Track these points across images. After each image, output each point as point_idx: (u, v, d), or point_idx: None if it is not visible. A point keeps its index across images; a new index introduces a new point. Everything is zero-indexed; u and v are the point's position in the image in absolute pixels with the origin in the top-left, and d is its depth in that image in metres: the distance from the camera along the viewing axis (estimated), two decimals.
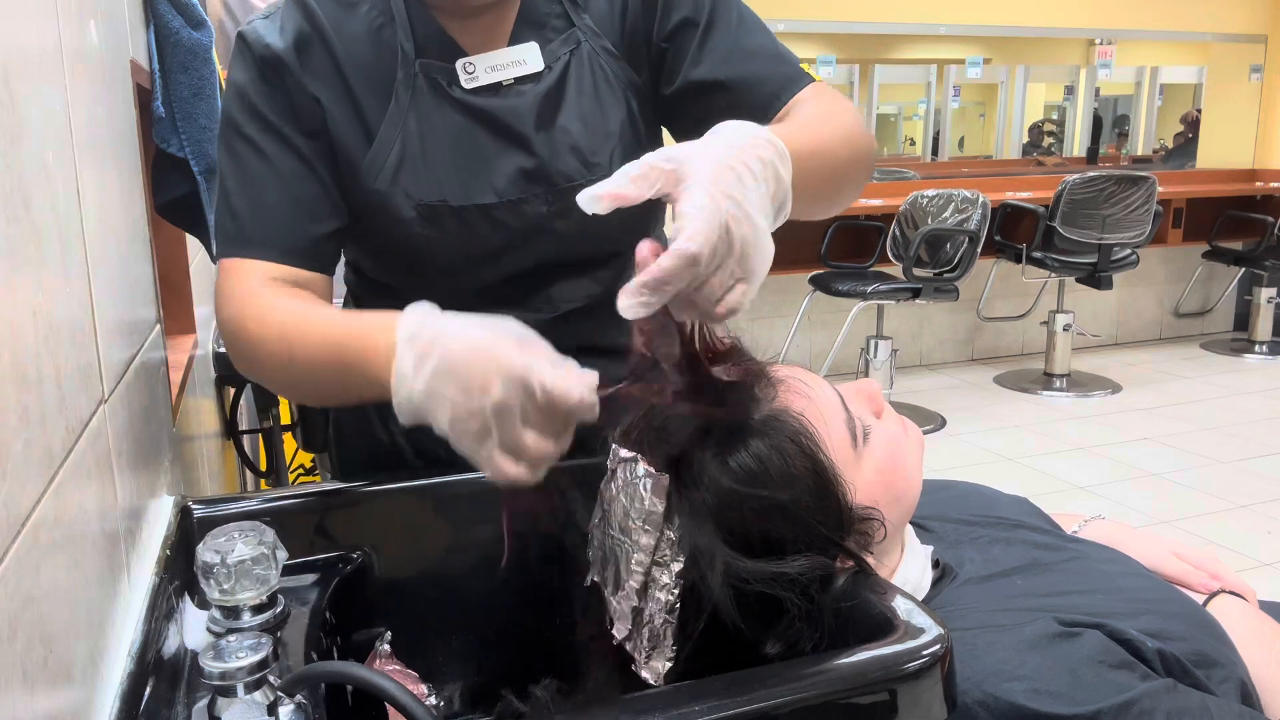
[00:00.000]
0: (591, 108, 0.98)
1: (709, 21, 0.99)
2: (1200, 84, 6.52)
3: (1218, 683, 0.75)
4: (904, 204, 4.48)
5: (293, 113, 0.94)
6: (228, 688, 0.61)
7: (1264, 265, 5.46)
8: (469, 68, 0.96)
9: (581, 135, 0.98)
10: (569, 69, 0.98)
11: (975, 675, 0.70)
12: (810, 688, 0.59)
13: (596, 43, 0.99)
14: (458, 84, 0.96)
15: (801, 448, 0.73)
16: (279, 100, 0.94)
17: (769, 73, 0.98)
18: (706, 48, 0.99)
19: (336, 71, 0.95)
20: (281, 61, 0.93)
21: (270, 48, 0.93)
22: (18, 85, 0.55)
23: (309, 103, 0.94)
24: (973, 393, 4.91)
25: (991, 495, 1.03)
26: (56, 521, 0.54)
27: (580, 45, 0.99)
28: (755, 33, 1.01)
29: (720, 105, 0.97)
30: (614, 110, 0.99)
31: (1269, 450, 3.98)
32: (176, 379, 1.23)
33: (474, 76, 0.96)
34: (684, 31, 0.99)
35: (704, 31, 0.99)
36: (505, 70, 0.97)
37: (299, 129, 0.94)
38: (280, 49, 0.93)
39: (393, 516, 0.93)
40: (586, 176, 0.97)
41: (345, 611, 0.87)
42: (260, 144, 0.93)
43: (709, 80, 0.98)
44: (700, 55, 0.99)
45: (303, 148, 0.94)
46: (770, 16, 1.19)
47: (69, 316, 0.62)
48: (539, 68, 0.97)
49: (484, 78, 0.96)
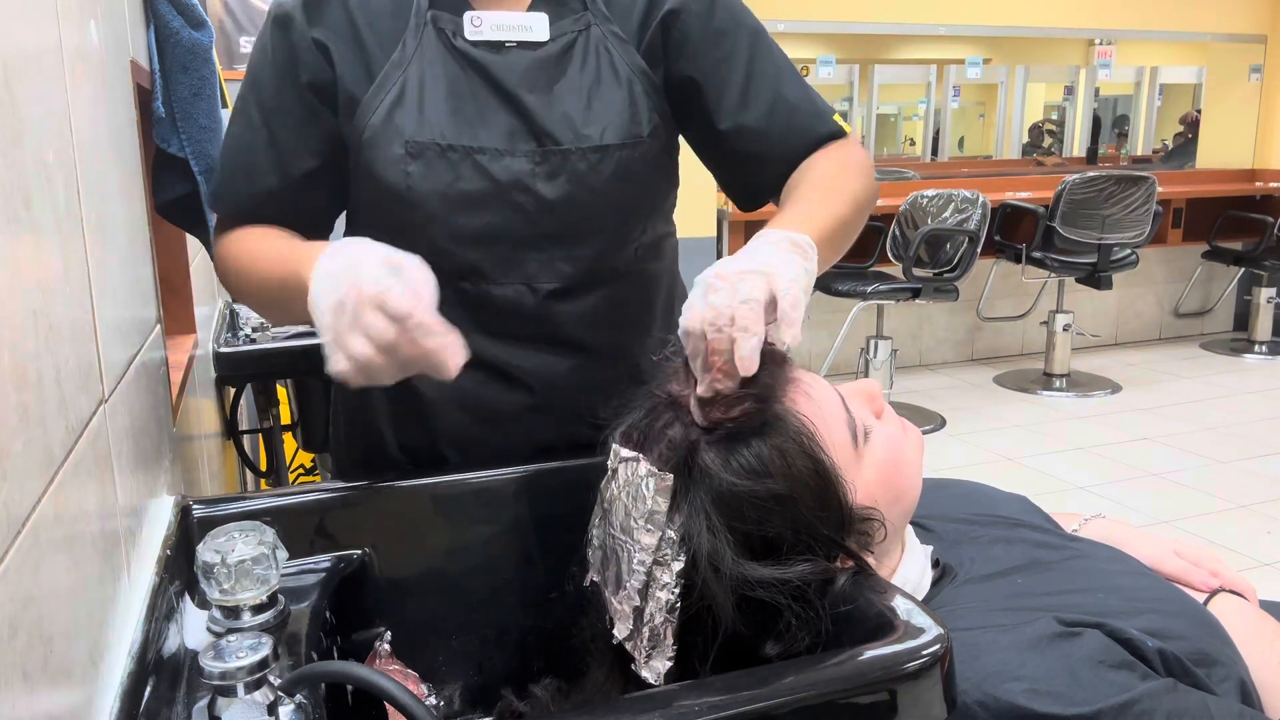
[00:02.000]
0: (592, 87, 1.00)
1: (750, 65, 1.04)
2: (1200, 84, 6.53)
3: (1218, 682, 0.75)
4: (904, 204, 4.48)
5: (290, 62, 1.00)
6: (228, 688, 0.61)
7: (1264, 265, 5.46)
8: (476, 21, 0.99)
9: (575, 107, 0.99)
10: (574, 47, 1.01)
11: (975, 675, 0.70)
12: (810, 688, 0.59)
13: (607, 28, 1.02)
14: (462, 34, 0.99)
15: (803, 447, 0.73)
16: (280, 54, 1.00)
17: (807, 129, 1.04)
18: (752, 92, 1.03)
19: (350, 23, 1.00)
20: (288, 16, 1.00)
21: (282, 5, 1.01)
22: (18, 85, 0.55)
23: (311, 51, 1.00)
24: (973, 393, 4.91)
25: (991, 495, 1.03)
26: (56, 521, 0.54)
27: (590, 28, 1.02)
28: (795, 83, 1.06)
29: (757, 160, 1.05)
30: (614, 95, 1.01)
31: (1269, 450, 3.98)
32: (176, 379, 1.23)
33: (479, 30, 1.00)
34: (724, 71, 1.03)
35: (747, 74, 1.03)
36: (510, 32, 1.00)
37: (295, 79, 1.00)
38: (290, 4, 1.00)
39: (393, 516, 0.93)
40: (575, 145, 0.99)
41: (345, 611, 0.87)
42: (239, 107, 1.03)
43: (753, 132, 1.03)
44: (747, 99, 1.03)
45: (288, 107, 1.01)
46: (770, 16, 1.19)
47: (69, 316, 0.62)
48: (544, 38, 1.00)
49: (489, 34, 1.00)
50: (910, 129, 7.32)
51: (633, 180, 1.02)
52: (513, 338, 1.02)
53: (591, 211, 1.01)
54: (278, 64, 1.00)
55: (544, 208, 0.99)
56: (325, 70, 0.99)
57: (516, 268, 1.01)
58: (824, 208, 0.93)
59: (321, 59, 0.99)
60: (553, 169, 0.99)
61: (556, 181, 0.99)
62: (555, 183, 0.99)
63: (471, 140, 0.98)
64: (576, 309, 1.03)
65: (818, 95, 1.07)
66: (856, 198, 0.98)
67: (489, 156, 0.98)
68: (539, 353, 1.02)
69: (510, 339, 1.02)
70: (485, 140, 0.98)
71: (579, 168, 0.99)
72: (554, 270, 1.01)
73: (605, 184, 1.00)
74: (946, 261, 4.34)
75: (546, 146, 0.99)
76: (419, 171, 0.97)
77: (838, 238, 0.93)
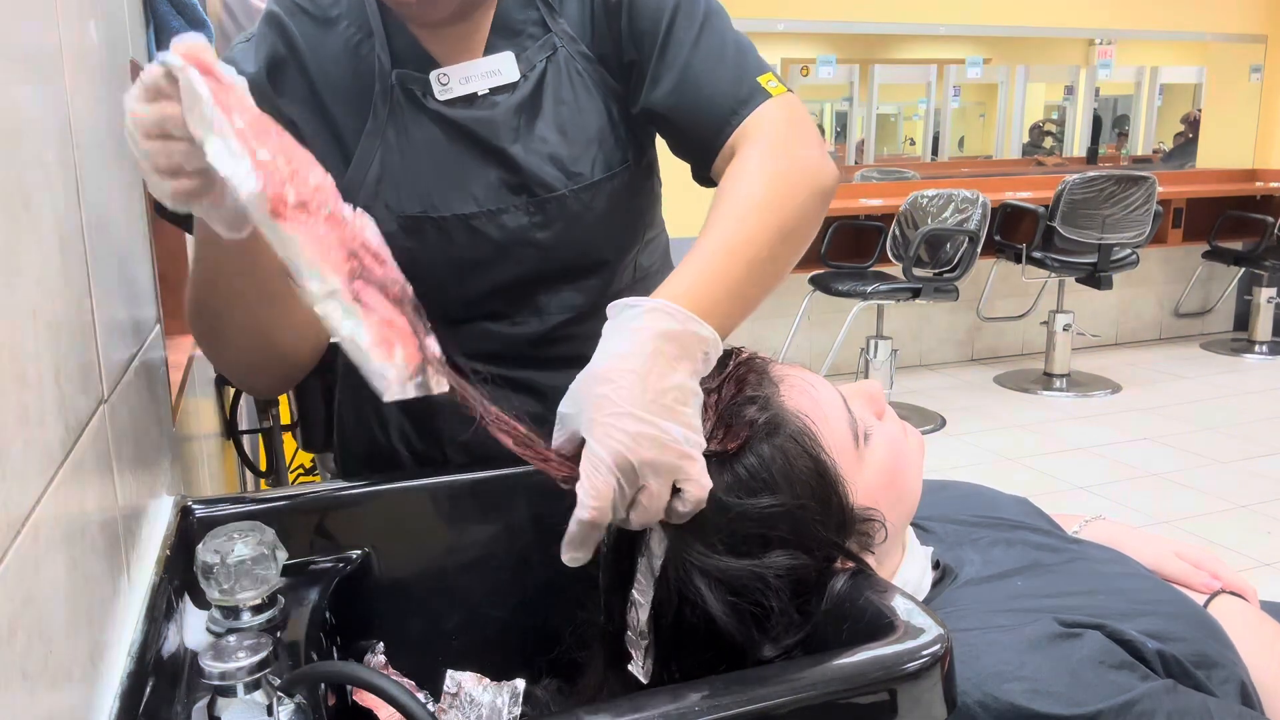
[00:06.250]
0: (570, 115, 0.97)
1: (667, 34, 0.95)
2: (1200, 84, 6.53)
3: (1218, 683, 0.75)
4: (904, 204, 4.48)
5: None
6: (227, 688, 0.61)
7: (1264, 265, 5.47)
8: (443, 79, 0.95)
9: (560, 144, 0.96)
10: (545, 77, 0.97)
11: (975, 676, 0.70)
12: (810, 688, 0.59)
13: (573, 48, 0.98)
14: (432, 95, 0.95)
15: (804, 447, 0.73)
16: None
17: (721, 98, 0.93)
18: (663, 66, 0.95)
19: (311, 92, 0.95)
20: (255, 87, 0.92)
21: (244, 74, 0.92)
22: (18, 85, 0.55)
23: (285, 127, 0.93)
24: (973, 393, 4.91)
25: (992, 496, 1.03)
26: (56, 521, 0.54)
27: (557, 51, 0.97)
28: (714, 45, 0.95)
29: (674, 134, 0.98)
30: (593, 116, 0.98)
31: (1269, 450, 3.98)
32: (176, 379, 1.23)
33: (448, 87, 0.95)
34: (644, 45, 0.96)
35: (661, 47, 0.95)
36: (480, 81, 0.96)
37: None
38: (253, 75, 0.92)
39: (393, 516, 0.93)
40: (568, 186, 0.96)
41: (345, 612, 0.87)
42: None
43: (660, 110, 0.96)
44: (657, 75, 0.96)
45: None
46: (770, 16, 1.18)
47: (69, 316, 0.62)
48: (514, 78, 0.96)
49: (458, 89, 0.95)
50: (910, 129, 7.32)
51: (626, 206, 1.01)
52: (530, 360, 1.02)
53: (590, 247, 1.00)
54: None
55: (546, 254, 0.98)
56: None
57: (528, 305, 1.01)
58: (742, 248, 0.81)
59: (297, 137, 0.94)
60: (549, 217, 0.97)
61: (555, 228, 0.97)
62: (553, 229, 0.97)
63: (463, 206, 0.95)
64: (590, 329, 1.02)
65: (745, 55, 0.96)
66: (783, 221, 0.85)
67: (484, 219, 0.96)
68: (554, 370, 1.02)
69: (526, 362, 1.02)
70: (477, 202, 0.96)
71: (574, 209, 0.97)
72: (564, 302, 1.02)
73: (601, 219, 0.99)
74: (946, 261, 4.34)
75: (540, 196, 0.96)
76: (417, 245, 0.95)
77: (757, 277, 0.82)
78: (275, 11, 0.96)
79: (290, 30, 0.95)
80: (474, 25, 0.96)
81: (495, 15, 0.97)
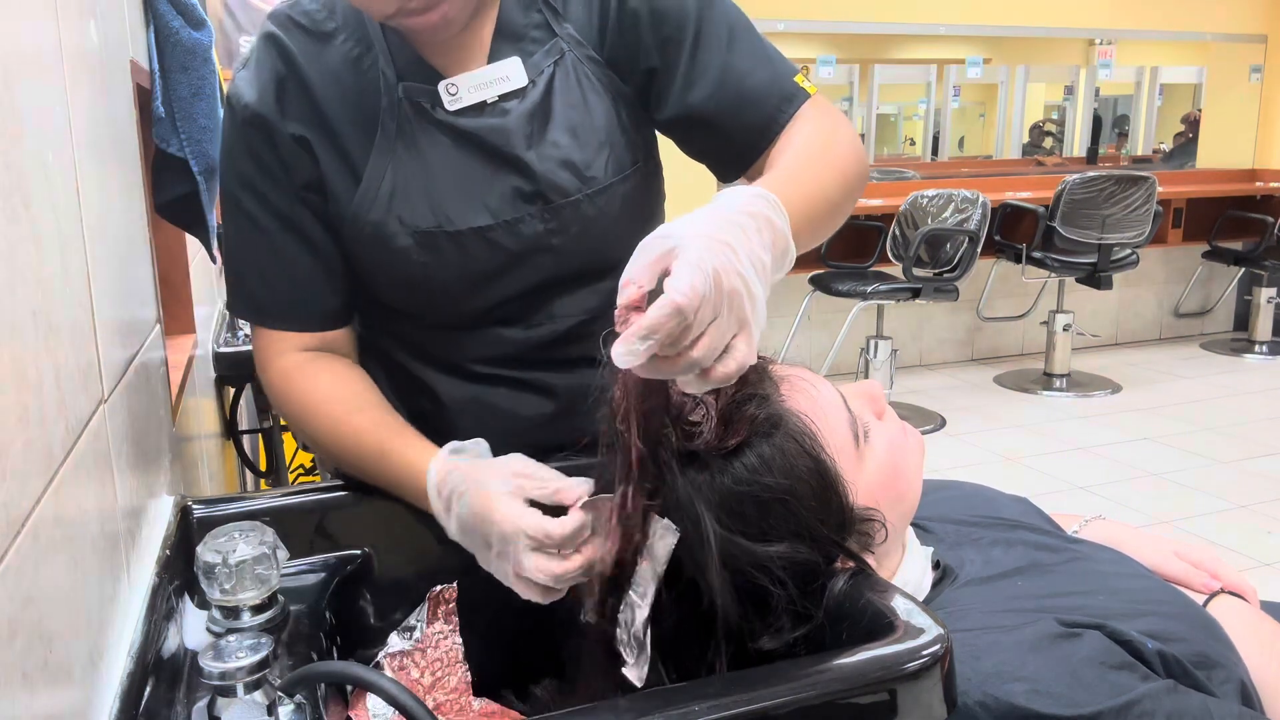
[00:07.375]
0: (581, 119, 0.96)
1: (696, 40, 0.96)
2: (1200, 84, 6.52)
3: (1218, 684, 0.75)
4: (904, 204, 4.48)
5: (283, 168, 0.94)
6: (227, 688, 0.61)
7: (1264, 265, 5.46)
8: (451, 89, 0.94)
9: (573, 148, 0.96)
10: (554, 81, 0.96)
11: (975, 676, 0.70)
12: (810, 688, 0.59)
13: (580, 51, 0.97)
14: (442, 106, 0.94)
15: (804, 447, 0.73)
16: (266, 160, 0.94)
17: (764, 96, 0.96)
18: (696, 70, 0.96)
19: (314, 109, 0.94)
20: (261, 118, 0.93)
21: (249, 107, 0.93)
22: (18, 85, 0.55)
23: (295, 149, 0.94)
24: (973, 393, 4.91)
25: (992, 496, 1.03)
26: (56, 521, 0.54)
27: (564, 55, 0.97)
28: (747, 48, 0.97)
29: (713, 136, 0.98)
30: (604, 119, 0.97)
31: (1269, 450, 3.98)
32: (176, 379, 1.23)
33: (457, 97, 0.94)
34: (669, 52, 0.96)
35: (691, 51, 0.96)
36: (489, 88, 0.95)
37: (292, 185, 0.95)
38: (256, 104, 0.93)
39: (393, 516, 0.93)
40: (582, 190, 0.96)
41: (345, 612, 0.87)
42: (261, 221, 0.96)
43: (700, 112, 0.96)
44: (691, 78, 0.96)
45: (298, 215, 0.96)
46: (770, 16, 1.18)
47: (69, 316, 0.62)
48: (523, 83, 0.95)
49: (467, 98, 0.94)
50: (910, 129, 7.32)
51: (637, 207, 1.01)
52: (543, 361, 1.02)
53: (604, 249, 0.99)
54: (270, 171, 0.94)
55: (560, 260, 0.98)
56: (313, 167, 0.95)
57: (541, 309, 1.01)
58: (797, 179, 0.85)
59: (306, 156, 0.94)
60: (563, 223, 0.96)
61: (569, 234, 0.97)
62: (568, 235, 0.97)
63: (478, 218, 0.95)
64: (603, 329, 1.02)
65: (777, 56, 0.99)
66: (842, 165, 0.90)
67: (500, 231, 0.95)
68: (567, 371, 1.01)
69: (539, 364, 1.02)
70: (492, 214, 0.95)
71: (588, 213, 0.97)
72: (578, 304, 1.01)
73: (614, 221, 0.98)
74: (946, 261, 4.34)
75: (554, 202, 0.95)
76: (433, 261, 0.95)
77: (820, 217, 0.85)
78: (271, 30, 0.95)
79: (287, 46, 0.94)
80: (475, 33, 0.95)
81: (498, 20, 0.96)
